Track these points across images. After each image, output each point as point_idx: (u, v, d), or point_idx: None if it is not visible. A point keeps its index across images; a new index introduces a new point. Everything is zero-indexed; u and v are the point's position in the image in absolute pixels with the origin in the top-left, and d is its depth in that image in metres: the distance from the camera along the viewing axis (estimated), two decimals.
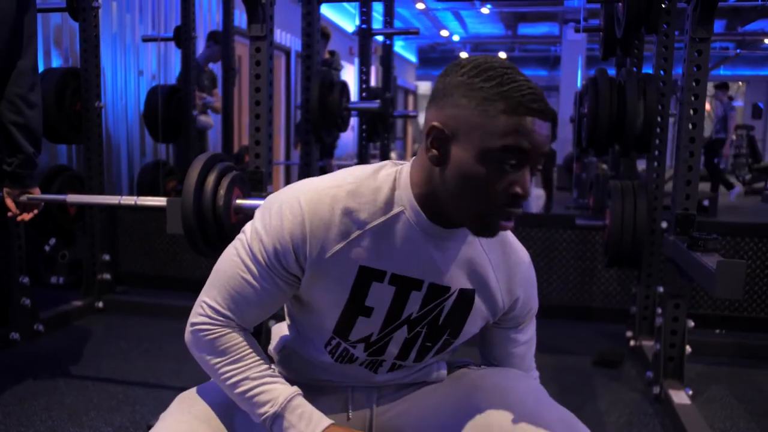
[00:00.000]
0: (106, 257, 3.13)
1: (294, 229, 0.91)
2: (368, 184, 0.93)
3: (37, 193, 2.04)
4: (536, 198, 7.17)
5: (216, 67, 4.75)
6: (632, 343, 2.71)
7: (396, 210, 0.92)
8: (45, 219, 3.05)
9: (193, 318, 0.98)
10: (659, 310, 2.23)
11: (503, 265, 0.99)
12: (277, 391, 0.94)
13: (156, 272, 3.48)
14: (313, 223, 0.91)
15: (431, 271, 0.94)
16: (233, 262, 0.96)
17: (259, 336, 2.36)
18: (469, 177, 0.84)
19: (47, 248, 3.37)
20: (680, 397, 2.06)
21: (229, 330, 0.97)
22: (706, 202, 6.11)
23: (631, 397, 2.24)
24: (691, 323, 2.14)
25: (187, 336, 0.99)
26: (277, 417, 0.93)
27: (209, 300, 0.97)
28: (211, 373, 0.98)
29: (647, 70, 2.80)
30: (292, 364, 1.08)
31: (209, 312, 0.97)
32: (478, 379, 1.01)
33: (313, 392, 1.04)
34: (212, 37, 4.63)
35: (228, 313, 0.96)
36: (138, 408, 2.04)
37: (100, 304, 3.08)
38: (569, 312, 3.13)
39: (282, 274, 0.94)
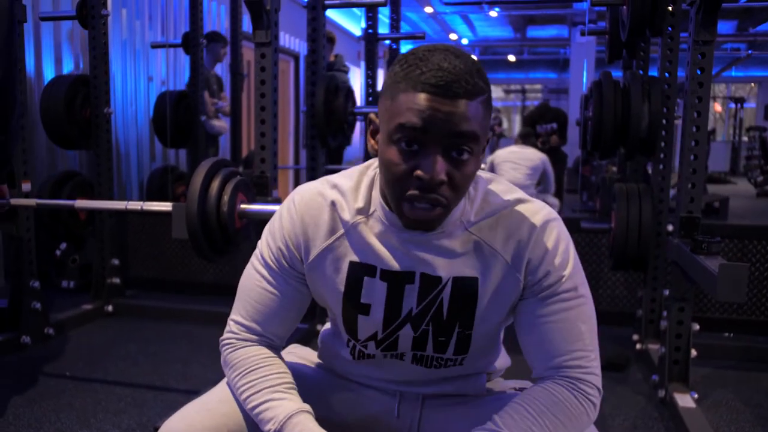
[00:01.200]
0: (116, 261, 3.17)
1: (292, 226, 0.96)
2: (353, 184, 0.96)
3: (5, 191, 1.97)
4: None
5: (221, 71, 4.77)
6: (639, 346, 2.70)
7: (372, 210, 0.94)
8: (56, 224, 3.10)
9: (222, 336, 1.01)
10: (665, 314, 2.22)
11: (508, 238, 0.92)
12: (279, 408, 0.92)
13: (165, 276, 3.51)
14: (305, 218, 0.95)
15: (419, 263, 0.93)
16: (250, 274, 0.99)
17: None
18: (383, 161, 0.86)
19: (58, 253, 3.42)
20: (685, 400, 2.05)
21: (250, 344, 0.99)
22: (716, 204, 6.04)
23: (636, 401, 2.24)
24: (696, 327, 2.13)
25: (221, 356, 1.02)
26: None
27: (235, 316, 1.00)
28: (233, 388, 0.98)
29: (653, 72, 2.79)
30: (328, 354, 1.10)
31: (234, 327, 1.00)
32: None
33: (364, 393, 1.05)
34: (209, 39, 4.63)
35: (254, 326, 0.98)
36: (145, 410, 2.06)
37: (110, 308, 3.11)
38: None
39: (293, 274, 0.97)
